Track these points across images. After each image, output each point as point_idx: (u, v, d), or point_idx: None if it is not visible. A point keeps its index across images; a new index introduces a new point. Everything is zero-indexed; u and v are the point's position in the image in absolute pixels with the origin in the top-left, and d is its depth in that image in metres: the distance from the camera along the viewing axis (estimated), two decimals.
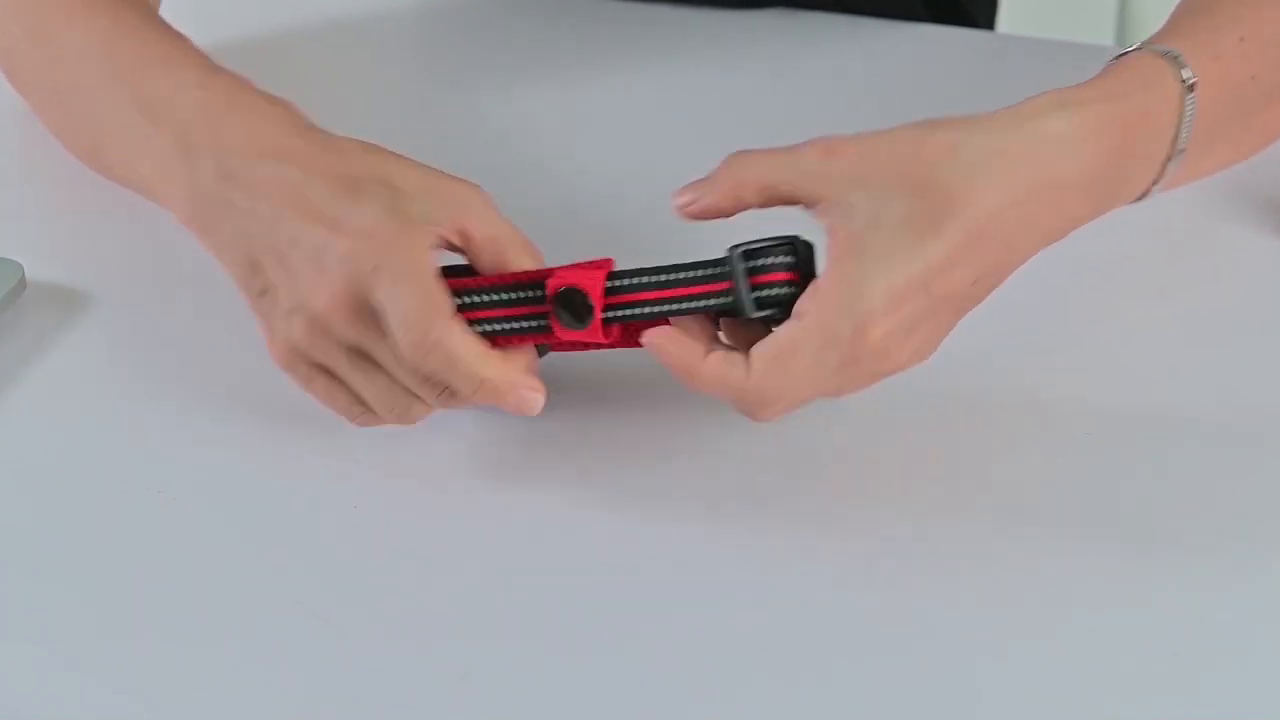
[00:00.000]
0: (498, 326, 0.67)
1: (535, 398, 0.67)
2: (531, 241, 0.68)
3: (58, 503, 0.69)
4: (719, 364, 0.66)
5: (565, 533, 0.68)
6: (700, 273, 0.66)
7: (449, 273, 0.67)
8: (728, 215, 0.67)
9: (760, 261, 0.65)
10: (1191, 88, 0.71)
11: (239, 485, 0.69)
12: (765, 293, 0.66)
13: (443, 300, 0.65)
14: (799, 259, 0.66)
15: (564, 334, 0.67)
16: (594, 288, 0.66)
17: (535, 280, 0.67)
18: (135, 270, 0.78)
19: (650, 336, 0.66)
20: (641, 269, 0.66)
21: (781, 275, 0.65)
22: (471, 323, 0.66)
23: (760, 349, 0.65)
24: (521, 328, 0.67)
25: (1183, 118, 0.71)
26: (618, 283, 0.66)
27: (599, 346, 0.68)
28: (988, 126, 0.67)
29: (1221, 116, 0.73)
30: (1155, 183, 0.72)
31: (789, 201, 0.66)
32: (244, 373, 0.73)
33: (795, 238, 0.66)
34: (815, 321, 0.64)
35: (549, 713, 0.61)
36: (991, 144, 0.66)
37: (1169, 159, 0.72)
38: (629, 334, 0.68)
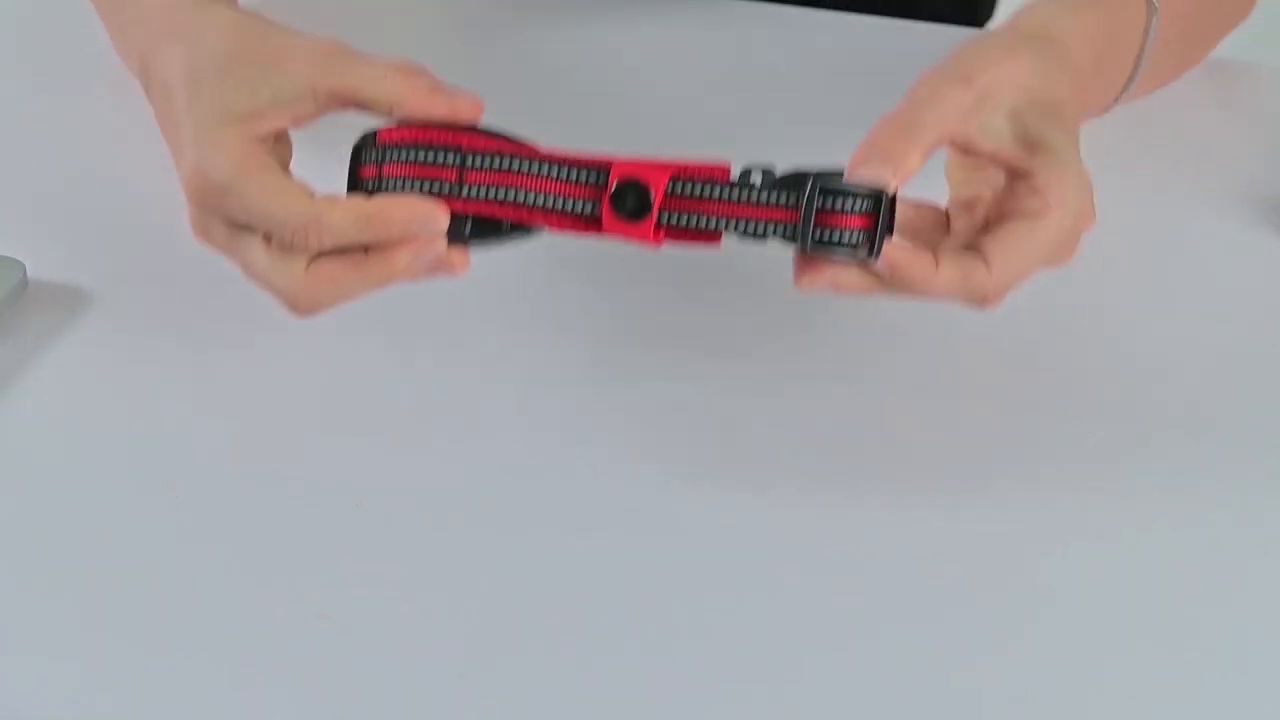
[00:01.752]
0: (545, 202, 0.65)
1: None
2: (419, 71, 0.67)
3: (59, 502, 0.69)
4: (954, 270, 0.66)
5: (566, 532, 0.68)
6: (771, 198, 0.64)
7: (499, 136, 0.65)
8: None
9: (836, 203, 0.64)
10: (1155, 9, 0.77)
11: (240, 484, 0.69)
12: (830, 234, 0.64)
13: (289, 193, 0.64)
14: (878, 206, 0.64)
15: (614, 226, 0.65)
16: (658, 186, 0.64)
17: (596, 165, 0.65)
18: (135, 270, 0.78)
19: (888, 255, 0.64)
20: (711, 176, 0.65)
21: (855, 222, 0.64)
22: (515, 190, 0.65)
23: (997, 246, 0.66)
24: (572, 209, 0.65)
25: (1147, 36, 0.77)
26: (682, 188, 0.65)
27: (639, 243, 0.66)
28: (1024, 27, 0.71)
29: (1173, 39, 0.79)
30: (1116, 99, 0.79)
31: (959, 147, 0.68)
32: (244, 372, 0.73)
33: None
34: (1058, 218, 0.66)
35: (549, 713, 0.61)
36: (1036, 31, 0.70)
37: (1131, 76, 0.78)
38: (674, 237, 0.66)
